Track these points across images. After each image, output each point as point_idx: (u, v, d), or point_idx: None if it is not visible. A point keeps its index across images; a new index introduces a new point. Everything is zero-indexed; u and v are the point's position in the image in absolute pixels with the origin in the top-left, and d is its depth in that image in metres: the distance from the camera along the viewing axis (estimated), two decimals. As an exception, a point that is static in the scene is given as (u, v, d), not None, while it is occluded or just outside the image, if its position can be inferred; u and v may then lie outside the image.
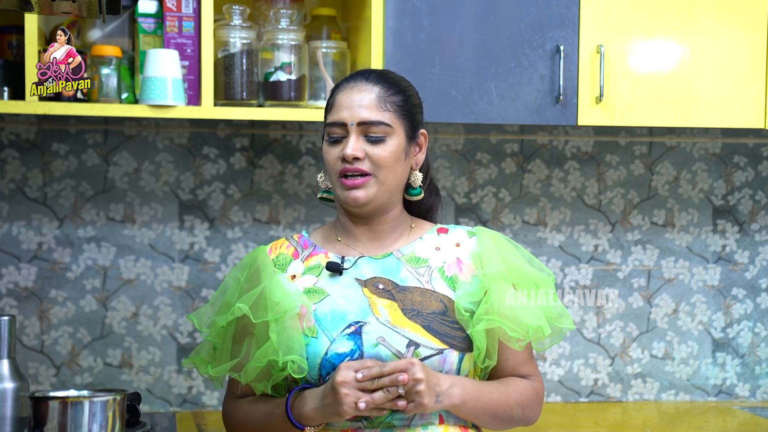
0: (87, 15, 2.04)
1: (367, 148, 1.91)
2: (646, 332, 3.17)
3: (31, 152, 2.85)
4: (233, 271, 2.00)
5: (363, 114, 1.91)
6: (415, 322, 1.89)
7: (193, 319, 2.01)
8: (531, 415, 1.99)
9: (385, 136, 1.92)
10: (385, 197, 1.94)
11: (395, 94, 1.95)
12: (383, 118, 1.92)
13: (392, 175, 1.93)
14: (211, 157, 2.94)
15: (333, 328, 1.88)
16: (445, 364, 1.88)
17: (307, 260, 1.99)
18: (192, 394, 2.94)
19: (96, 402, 1.90)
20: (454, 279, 1.95)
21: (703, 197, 3.19)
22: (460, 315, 1.90)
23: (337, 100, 1.95)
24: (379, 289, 1.92)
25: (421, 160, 2.01)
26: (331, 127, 1.94)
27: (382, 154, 1.91)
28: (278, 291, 1.91)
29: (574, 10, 2.68)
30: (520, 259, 1.98)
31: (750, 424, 2.95)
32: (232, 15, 2.67)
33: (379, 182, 1.92)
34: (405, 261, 1.96)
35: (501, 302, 1.90)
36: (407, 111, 1.96)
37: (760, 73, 2.76)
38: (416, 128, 1.99)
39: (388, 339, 1.87)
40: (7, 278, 2.85)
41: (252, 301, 1.90)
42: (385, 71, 2.01)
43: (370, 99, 1.92)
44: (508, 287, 1.92)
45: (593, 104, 2.70)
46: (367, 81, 1.95)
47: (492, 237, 2.00)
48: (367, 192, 1.91)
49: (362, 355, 1.86)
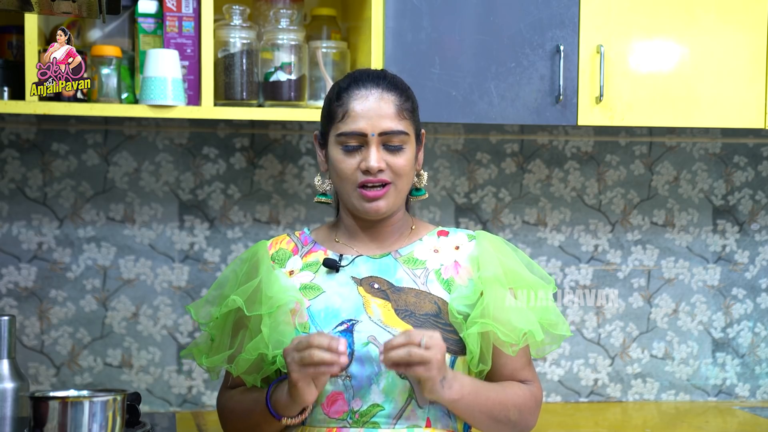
0: (87, 15, 2.04)
1: (388, 158, 1.91)
2: (646, 332, 3.17)
3: (31, 152, 2.85)
4: (233, 264, 2.02)
5: (384, 125, 1.90)
6: (407, 322, 1.88)
7: (190, 310, 2.02)
8: (528, 420, 1.97)
9: (403, 145, 1.92)
10: (399, 203, 1.96)
11: (407, 100, 1.95)
12: (403, 127, 1.92)
13: (408, 181, 1.95)
14: (211, 157, 2.94)
15: (325, 324, 1.89)
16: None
17: (306, 256, 1.99)
18: (192, 394, 2.94)
19: (96, 402, 1.90)
20: (450, 282, 1.94)
21: (703, 197, 3.19)
22: (453, 317, 1.90)
23: (352, 108, 1.92)
24: (374, 288, 1.92)
25: (421, 160, 2.02)
26: (347, 137, 1.92)
27: (402, 163, 1.91)
28: (274, 286, 1.92)
29: (574, 10, 2.68)
30: (519, 264, 1.96)
31: (750, 424, 2.95)
32: (232, 15, 2.67)
33: (398, 190, 1.93)
34: (402, 262, 1.96)
35: (495, 306, 1.89)
36: (416, 116, 1.98)
37: (760, 73, 2.76)
38: (419, 130, 2.00)
39: (379, 338, 1.86)
40: (7, 278, 2.85)
41: (247, 295, 1.91)
42: (391, 76, 1.99)
43: (389, 109, 1.91)
44: (503, 291, 1.91)
45: (593, 104, 2.70)
46: (380, 88, 1.93)
47: (492, 241, 1.99)
48: (387, 201, 1.92)
49: (352, 354, 1.86)
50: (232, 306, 1.92)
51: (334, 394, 1.88)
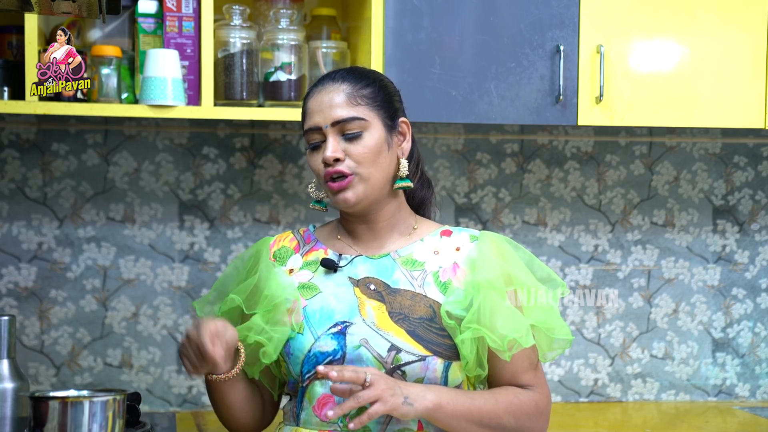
0: (87, 15, 2.04)
1: (346, 147, 1.89)
2: (646, 332, 3.17)
3: (31, 152, 2.85)
4: (235, 261, 2.03)
5: (335, 113, 1.89)
6: (400, 326, 1.86)
7: (195, 306, 2.03)
8: (528, 426, 1.90)
9: (361, 131, 1.89)
10: (375, 193, 1.91)
11: (365, 86, 1.92)
12: (356, 113, 1.89)
13: (376, 169, 1.90)
14: (211, 157, 2.94)
15: (320, 325, 1.88)
16: (428, 372, 1.84)
17: (306, 255, 1.99)
18: (192, 394, 2.94)
19: (96, 402, 1.91)
20: (447, 284, 1.90)
21: (703, 197, 3.19)
22: (446, 321, 1.86)
23: (308, 107, 1.94)
24: (369, 289, 1.91)
25: (407, 149, 1.96)
26: (309, 135, 1.93)
27: (361, 150, 1.88)
28: (271, 283, 1.92)
29: (574, 10, 2.68)
30: (520, 266, 1.92)
31: (750, 424, 2.95)
32: (232, 15, 2.67)
33: (364, 179, 1.89)
34: (401, 263, 1.94)
35: (486, 311, 1.85)
36: (381, 101, 1.93)
37: (760, 73, 2.76)
38: (395, 117, 1.94)
39: (371, 341, 1.85)
40: (7, 278, 2.85)
41: (246, 293, 1.92)
42: (352, 67, 1.99)
43: (339, 97, 1.90)
44: (497, 295, 1.87)
45: (593, 104, 2.70)
46: (334, 81, 1.93)
47: (494, 242, 1.94)
48: (354, 191, 1.89)
49: (344, 356, 1.85)
50: (232, 304, 1.93)
51: (325, 397, 1.86)
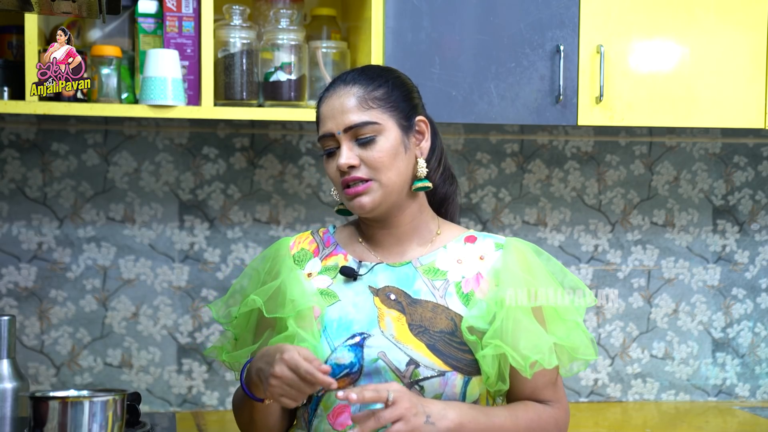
0: (87, 15, 2.04)
1: (361, 153, 1.82)
2: (646, 332, 3.17)
3: (31, 152, 2.85)
4: (254, 262, 1.96)
5: (347, 119, 1.83)
6: (420, 339, 1.80)
7: (211, 308, 1.97)
8: None
9: (375, 135, 1.82)
10: (393, 197, 1.85)
11: (376, 88, 1.85)
12: (368, 117, 1.83)
13: (394, 173, 1.84)
14: (211, 157, 2.94)
15: (337, 336, 1.82)
16: (446, 387, 1.79)
17: (326, 260, 1.92)
18: (192, 394, 2.94)
19: (96, 402, 1.90)
20: (469, 296, 1.84)
21: (703, 197, 3.19)
22: (467, 337, 1.80)
23: (321, 112, 1.88)
24: (390, 299, 1.84)
25: (426, 149, 1.89)
26: (323, 141, 1.87)
27: (376, 155, 1.82)
28: (296, 288, 1.85)
29: (574, 10, 2.68)
30: (547, 279, 1.84)
31: (750, 424, 2.95)
32: (232, 15, 2.68)
33: (382, 185, 1.83)
34: (422, 272, 1.86)
35: (509, 328, 1.79)
36: (394, 102, 1.85)
37: (760, 73, 2.77)
38: (411, 116, 1.87)
39: (390, 355, 1.79)
40: (7, 278, 2.85)
41: (268, 295, 1.85)
42: (364, 67, 1.93)
43: (350, 102, 1.84)
44: (521, 312, 1.80)
45: (593, 104, 2.70)
46: (345, 84, 1.87)
47: (520, 252, 1.87)
48: (371, 197, 1.83)
49: (361, 369, 1.79)
50: (252, 306, 1.85)
51: (341, 407, 1.81)
